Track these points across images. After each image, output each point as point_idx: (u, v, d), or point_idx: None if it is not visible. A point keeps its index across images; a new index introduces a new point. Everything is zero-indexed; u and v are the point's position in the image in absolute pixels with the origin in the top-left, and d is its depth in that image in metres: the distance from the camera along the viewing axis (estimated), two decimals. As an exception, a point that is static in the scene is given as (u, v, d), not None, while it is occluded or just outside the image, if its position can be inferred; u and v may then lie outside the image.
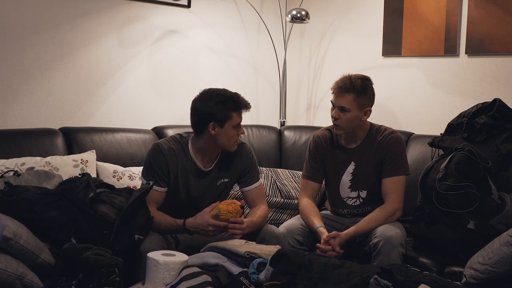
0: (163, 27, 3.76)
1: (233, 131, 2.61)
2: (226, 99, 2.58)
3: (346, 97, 2.75)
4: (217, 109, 2.57)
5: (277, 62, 4.12)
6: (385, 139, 2.83)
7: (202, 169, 2.68)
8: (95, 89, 3.53)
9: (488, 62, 3.38)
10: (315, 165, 2.94)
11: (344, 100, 2.75)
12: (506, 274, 2.35)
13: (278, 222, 3.27)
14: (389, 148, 2.81)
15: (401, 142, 2.86)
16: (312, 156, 2.95)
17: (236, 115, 2.60)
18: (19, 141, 3.01)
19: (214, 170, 2.71)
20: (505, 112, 2.88)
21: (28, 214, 2.29)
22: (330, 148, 2.92)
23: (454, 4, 3.45)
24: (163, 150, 2.62)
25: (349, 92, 2.74)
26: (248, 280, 2.09)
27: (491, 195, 2.66)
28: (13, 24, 3.18)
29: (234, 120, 2.60)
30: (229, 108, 2.58)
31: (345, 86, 2.75)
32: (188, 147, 2.67)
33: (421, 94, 3.67)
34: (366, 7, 3.91)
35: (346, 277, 1.98)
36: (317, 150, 2.94)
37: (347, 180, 2.89)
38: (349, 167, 2.88)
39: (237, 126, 2.62)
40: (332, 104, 2.83)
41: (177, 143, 2.67)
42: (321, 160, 2.94)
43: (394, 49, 3.75)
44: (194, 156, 2.67)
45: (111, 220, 2.44)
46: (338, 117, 2.78)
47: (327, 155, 2.93)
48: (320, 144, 2.94)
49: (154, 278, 2.16)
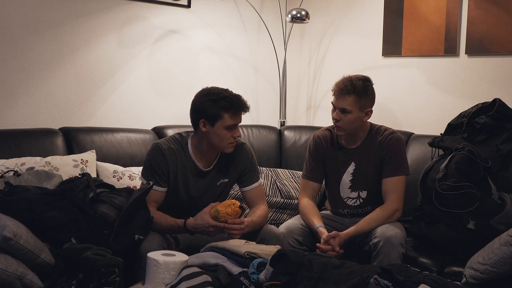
0: (163, 27, 3.76)
1: (225, 132, 2.57)
2: (219, 98, 2.55)
3: (347, 98, 2.74)
4: (208, 106, 2.55)
5: (277, 62, 4.12)
6: (385, 139, 2.83)
7: (202, 169, 2.68)
8: (95, 89, 3.53)
9: (488, 62, 3.38)
10: (315, 165, 2.93)
11: (346, 101, 2.74)
12: (506, 274, 2.35)
13: (278, 222, 3.27)
14: (389, 148, 2.81)
15: (401, 142, 2.86)
16: (312, 156, 2.95)
17: (227, 116, 2.55)
18: (19, 141, 3.01)
19: (214, 170, 2.71)
20: (505, 112, 2.88)
21: (28, 214, 2.29)
22: (331, 148, 2.92)
23: (454, 4, 3.45)
24: (162, 150, 2.62)
25: (350, 93, 2.73)
26: (248, 280, 2.09)
27: (491, 195, 2.66)
28: (13, 24, 3.18)
29: (226, 121, 2.55)
30: (220, 107, 2.54)
31: (346, 87, 2.73)
32: (187, 147, 2.67)
33: (421, 94, 3.66)
34: (366, 7, 3.91)
35: (346, 277, 1.98)
36: (317, 150, 2.94)
37: (347, 181, 2.88)
38: (349, 168, 2.88)
39: (230, 128, 2.57)
40: (332, 105, 2.82)
41: (177, 142, 2.67)
42: (321, 160, 2.93)
43: (394, 49, 3.75)
44: (194, 156, 2.66)
45: (111, 220, 2.44)
46: (340, 119, 2.77)
47: (327, 155, 2.92)
48: (320, 144, 2.93)
49: (154, 278, 2.16)
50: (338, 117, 2.77)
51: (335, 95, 2.78)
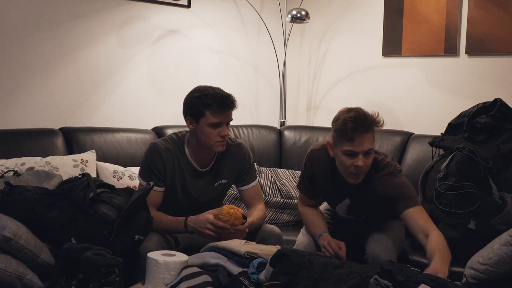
0: (163, 27, 3.76)
1: (209, 129, 2.53)
2: (203, 95, 2.52)
3: (369, 137, 2.35)
4: (193, 103, 2.55)
5: (277, 62, 4.11)
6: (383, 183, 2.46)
7: (198, 170, 2.66)
8: (95, 89, 3.53)
9: (488, 62, 3.38)
10: (309, 187, 2.72)
11: (369, 141, 2.35)
12: (506, 274, 2.34)
13: (278, 221, 3.27)
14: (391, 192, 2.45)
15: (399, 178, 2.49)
16: (306, 178, 2.70)
17: (209, 113, 2.51)
18: (19, 141, 3.01)
19: (211, 172, 2.69)
20: (506, 112, 2.88)
21: (28, 214, 2.29)
22: (325, 177, 2.62)
23: (454, 4, 3.45)
24: (160, 150, 2.61)
25: (369, 130, 2.35)
26: (248, 280, 2.09)
27: (492, 195, 2.66)
28: (13, 24, 3.18)
29: (208, 118, 2.51)
30: (202, 104, 2.51)
31: (364, 125, 2.34)
32: (184, 147, 2.66)
33: (421, 94, 3.66)
34: (366, 7, 3.91)
35: (346, 277, 1.98)
36: (310, 176, 2.68)
37: (342, 210, 2.72)
38: (345, 201, 2.66)
39: (214, 126, 2.52)
40: (346, 153, 2.37)
41: (174, 142, 2.66)
42: (314, 185, 2.70)
43: (394, 49, 3.75)
44: (190, 156, 2.65)
45: (111, 220, 2.44)
46: (364, 164, 2.36)
47: (321, 183, 2.66)
48: (316, 168, 2.64)
49: (154, 278, 2.16)
50: (363, 163, 2.35)
51: (353, 138, 2.33)
